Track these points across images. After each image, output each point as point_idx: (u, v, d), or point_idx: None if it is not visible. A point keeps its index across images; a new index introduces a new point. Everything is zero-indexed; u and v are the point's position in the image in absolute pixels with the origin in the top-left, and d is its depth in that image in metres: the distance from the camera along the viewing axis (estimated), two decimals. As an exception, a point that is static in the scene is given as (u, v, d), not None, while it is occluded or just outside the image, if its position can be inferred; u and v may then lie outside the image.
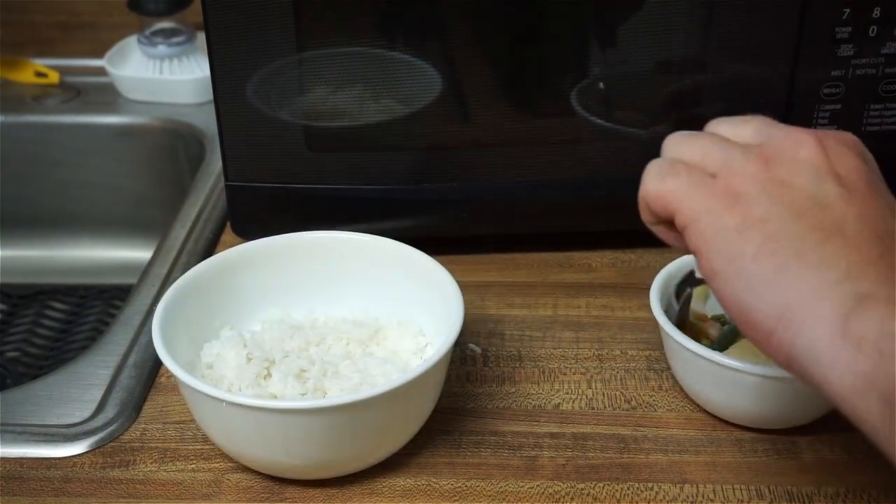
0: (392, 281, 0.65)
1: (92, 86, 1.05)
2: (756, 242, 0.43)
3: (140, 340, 0.69)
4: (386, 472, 0.58)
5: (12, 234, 1.05)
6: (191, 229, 0.82)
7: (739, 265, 0.44)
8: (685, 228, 0.46)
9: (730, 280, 0.44)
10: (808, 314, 0.42)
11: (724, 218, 0.45)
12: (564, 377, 0.66)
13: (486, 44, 0.71)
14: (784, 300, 0.42)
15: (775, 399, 0.58)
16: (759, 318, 0.43)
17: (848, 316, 0.41)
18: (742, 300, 0.44)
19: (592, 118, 0.72)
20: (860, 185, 0.45)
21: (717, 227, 0.45)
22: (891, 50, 0.69)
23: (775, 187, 0.45)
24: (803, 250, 0.43)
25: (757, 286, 0.43)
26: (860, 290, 0.41)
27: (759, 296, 0.43)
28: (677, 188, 0.47)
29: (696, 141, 0.49)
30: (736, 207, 0.44)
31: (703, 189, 0.46)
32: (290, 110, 0.72)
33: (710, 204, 0.45)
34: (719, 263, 0.44)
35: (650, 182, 0.48)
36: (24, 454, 0.60)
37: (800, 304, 0.42)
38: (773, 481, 0.58)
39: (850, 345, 0.40)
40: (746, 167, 0.45)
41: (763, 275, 0.43)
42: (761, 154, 0.46)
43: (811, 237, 0.43)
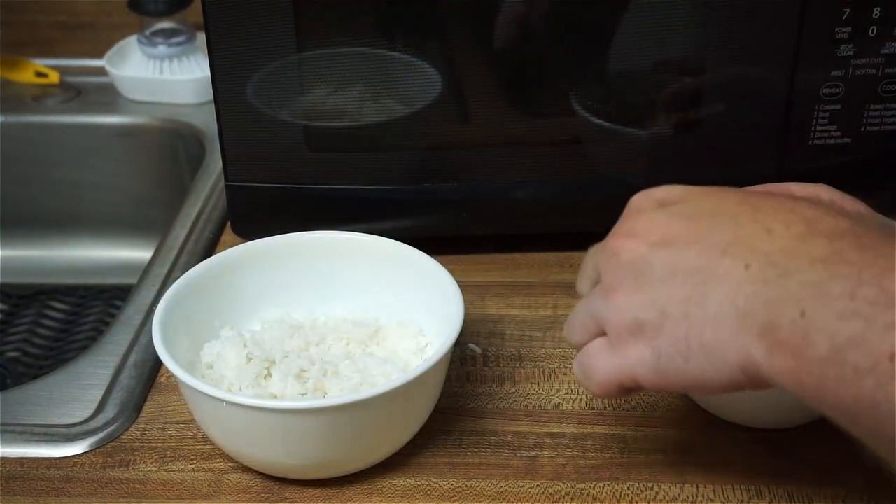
0: (392, 281, 0.65)
1: (92, 86, 1.05)
2: (674, 353, 0.45)
3: (140, 340, 0.69)
4: (386, 472, 0.58)
5: (12, 234, 1.05)
6: (191, 229, 0.82)
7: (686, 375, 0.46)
8: (639, 386, 0.48)
9: (696, 387, 0.46)
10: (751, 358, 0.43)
11: (643, 357, 0.47)
12: (564, 377, 0.66)
13: (486, 44, 0.71)
14: (731, 363, 0.44)
15: (775, 399, 0.58)
16: (735, 383, 0.45)
17: (772, 349, 0.42)
18: (714, 387, 0.46)
19: (592, 118, 0.72)
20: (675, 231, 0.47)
21: (647, 368, 0.47)
22: (891, 50, 0.69)
23: (638, 299, 0.47)
24: (700, 324, 0.44)
25: (710, 373, 0.45)
26: (763, 324, 0.42)
27: (719, 374, 0.45)
28: (601, 371, 0.49)
29: (573, 323, 0.52)
30: (638, 341, 0.47)
31: (612, 355, 0.48)
32: (290, 110, 0.72)
33: (625, 359, 0.47)
34: (678, 385, 0.47)
35: (587, 385, 0.50)
36: (24, 454, 0.60)
37: (739, 355, 0.44)
38: (773, 481, 0.57)
39: (792, 371, 0.42)
40: (608, 308, 0.48)
41: (703, 365, 0.45)
42: (605, 287, 0.49)
43: (692, 308, 0.45)
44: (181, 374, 0.55)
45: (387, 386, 0.53)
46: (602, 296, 0.49)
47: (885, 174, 0.73)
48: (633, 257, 0.47)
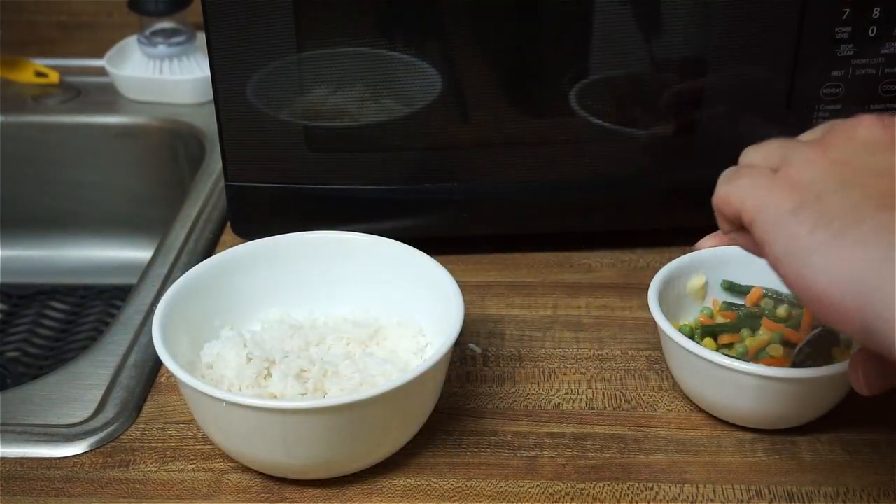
0: (392, 281, 0.65)
1: (92, 86, 1.05)
2: (811, 220, 0.43)
3: (140, 340, 0.69)
4: (386, 472, 0.58)
5: (12, 234, 1.05)
6: (191, 229, 0.82)
7: (797, 244, 0.43)
8: (751, 225, 0.46)
9: (791, 261, 0.44)
10: (872, 280, 0.41)
11: (783, 204, 0.44)
12: (564, 377, 0.66)
13: (486, 44, 0.71)
14: (845, 270, 0.42)
15: (774, 399, 0.58)
16: (821, 291, 0.43)
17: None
18: (803, 276, 0.43)
19: (592, 118, 0.72)
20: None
21: (776, 214, 0.45)
22: (891, 50, 0.69)
23: (832, 167, 0.45)
24: (859, 218, 0.42)
25: (815, 260, 0.43)
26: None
27: (818, 269, 0.42)
28: (740, 188, 0.47)
29: (763, 146, 0.49)
30: (794, 193, 0.44)
31: (763, 184, 0.46)
32: (290, 110, 0.72)
33: (769, 195, 0.45)
34: (780, 248, 0.44)
35: (718, 187, 0.49)
36: (24, 454, 0.60)
37: (864, 271, 0.41)
38: (773, 481, 0.58)
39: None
40: (805, 156, 0.46)
41: (819, 247, 0.42)
42: (819, 143, 0.46)
43: (867, 205, 0.42)
44: (181, 374, 0.55)
45: (387, 386, 0.53)
46: (808, 145, 0.46)
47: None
48: (869, 139, 0.45)
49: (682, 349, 0.59)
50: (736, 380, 0.57)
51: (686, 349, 0.58)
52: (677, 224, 0.74)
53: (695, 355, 0.58)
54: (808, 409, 0.60)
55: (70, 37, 1.10)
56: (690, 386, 0.62)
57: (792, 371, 0.57)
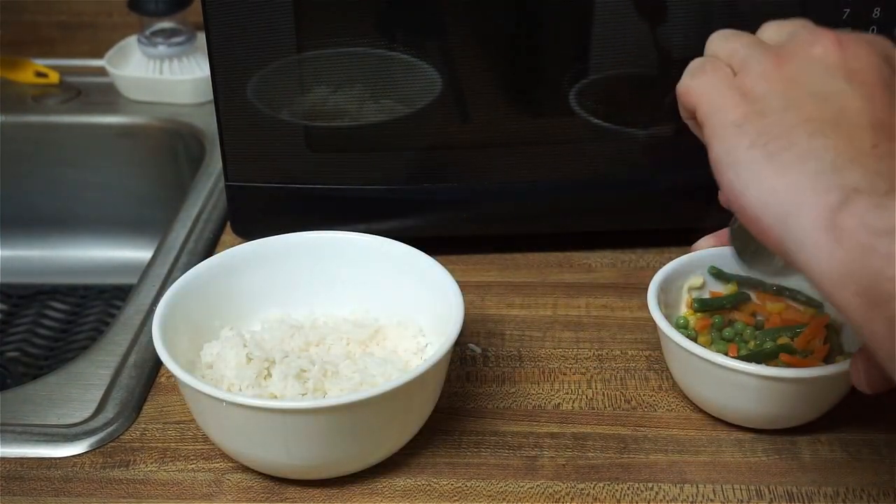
0: (392, 281, 0.65)
1: (92, 86, 1.05)
2: (751, 135, 0.45)
3: (140, 340, 0.69)
4: (386, 472, 0.58)
5: (12, 234, 1.05)
6: (191, 229, 0.82)
7: (734, 155, 0.46)
8: (702, 123, 0.48)
9: (725, 169, 0.46)
10: (792, 203, 0.43)
11: (730, 114, 0.47)
12: (564, 377, 0.66)
13: (486, 44, 0.71)
14: (770, 188, 0.44)
15: (774, 399, 0.58)
16: (746, 203, 0.45)
17: (833, 209, 0.41)
18: (733, 185, 0.46)
19: (592, 118, 0.72)
20: (870, 80, 0.45)
21: (722, 121, 0.47)
22: (891, 50, 0.69)
23: (781, 83, 0.46)
24: (794, 141, 0.44)
25: (747, 175, 0.45)
26: (847, 183, 0.42)
27: (749, 183, 0.45)
28: (701, 85, 0.49)
29: (731, 40, 0.51)
30: (742, 104, 0.46)
31: (721, 87, 0.48)
32: (290, 110, 0.72)
33: (722, 101, 0.47)
34: (720, 154, 0.47)
35: (683, 77, 0.51)
36: (24, 454, 0.60)
37: (785, 193, 0.43)
38: (773, 481, 0.58)
39: (831, 236, 0.41)
40: (761, 66, 0.47)
41: (753, 164, 0.45)
42: (777, 53, 0.48)
43: (803, 128, 0.44)
44: (181, 374, 0.55)
45: (387, 386, 0.53)
46: (767, 53, 0.48)
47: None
48: (822, 57, 0.46)
49: (681, 349, 0.59)
50: (735, 379, 0.57)
51: (685, 349, 0.58)
52: (677, 224, 0.74)
53: (694, 355, 0.58)
54: (809, 408, 0.60)
55: (70, 37, 1.10)
56: (690, 386, 0.62)
57: (792, 371, 0.57)
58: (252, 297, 0.66)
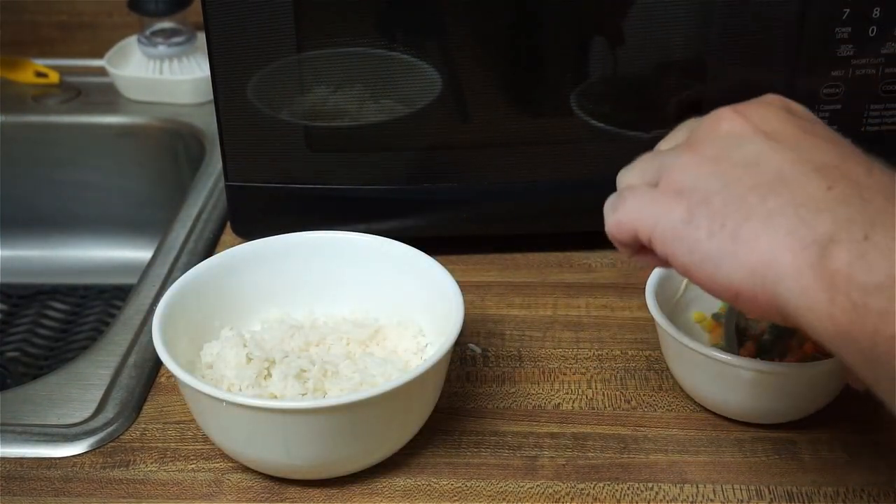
0: (392, 281, 0.65)
1: (92, 86, 1.05)
2: (705, 225, 0.44)
3: (140, 340, 0.69)
4: (386, 472, 0.58)
5: (12, 234, 1.05)
6: (191, 229, 0.82)
7: (700, 252, 0.44)
8: (650, 242, 0.47)
9: (699, 268, 0.45)
10: (777, 270, 0.42)
11: (674, 215, 0.45)
12: (564, 377, 0.66)
13: (486, 44, 0.71)
14: (751, 264, 0.43)
15: (772, 393, 0.58)
16: (737, 288, 0.44)
17: (815, 265, 0.41)
18: (717, 280, 0.44)
19: (592, 119, 0.72)
20: (788, 132, 0.45)
21: (670, 226, 0.46)
22: (891, 50, 0.69)
23: (707, 166, 0.45)
24: (749, 212, 0.43)
25: (722, 262, 0.44)
26: (820, 236, 0.41)
27: (728, 269, 0.44)
28: (628, 211, 0.48)
29: (636, 165, 0.50)
30: (680, 201, 0.45)
31: (648, 200, 0.47)
32: (290, 110, 0.72)
33: (658, 208, 0.46)
34: (685, 258, 0.45)
35: (607, 217, 0.50)
36: (24, 454, 0.60)
37: (766, 262, 0.42)
38: (773, 481, 0.58)
39: (823, 295, 0.40)
40: (679, 161, 0.47)
41: (722, 250, 0.44)
42: (688, 145, 0.47)
43: (753, 196, 0.43)
44: (181, 374, 0.55)
45: (387, 386, 0.53)
46: (678, 150, 0.48)
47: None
48: (732, 132, 0.46)
49: (679, 344, 0.59)
50: (732, 374, 0.58)
51: (683, 344, 0.58)
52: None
53: (691, 350, 0.58)
54: (806, 403, 0.60)
55: (70, 37, 1.10)
56: (688, 382, 0.62)
57: (788, 365, 0.57)
58: (252, 297, 0.66)
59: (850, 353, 0.41)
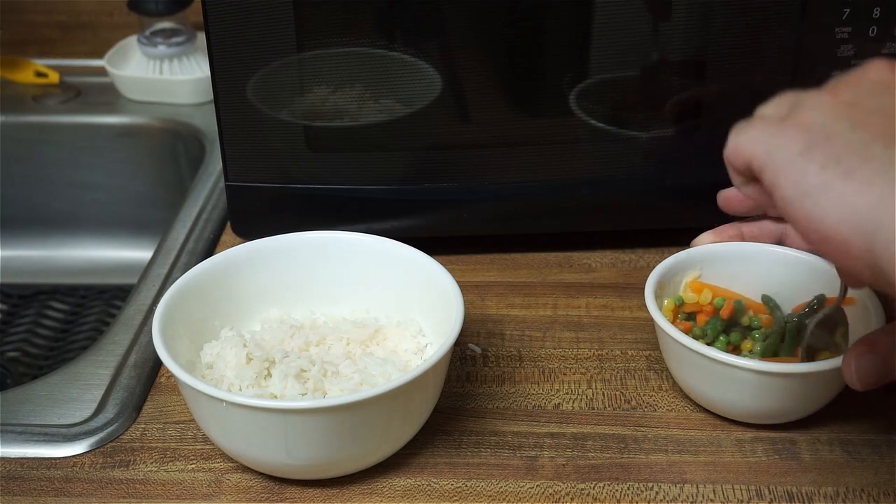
0: (392, 281, 0.65)
1: (92, 86, 1.05)
2: (821, 159, 0.43)
3: (140, 340, 0.69)
4: (386, 472, 0.58)
5: (12, 234, 1.05)
6: (191, 229, 0.82)
7: (807, 184, 0.43)
8: (761, 171, 0.46)
9: (801, 201, 0.43)
10: (881, 217, 0.40)
11: (792, 146, 0.44)
12: (564, 377, 0.66)
13: (486, 44, 0.71)
14: (854, 206, 0.41)
15: (771, 394, 0.58)
16: (829, 229, 0.42)
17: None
18: (813, 216, 0.43)
19: (592, 119, 0.72)
20: None
21: (786, 156, 0.44)
22: (891, 50, 0.69)
23: (841, 108, 0.44)
24: (868, 157, 0.42)
25: (824, 199, 0.42)
26: None
27: (827, 207, 0.42)
28: (750, 137, 0.47)
29: (775, 99, 0.49)
30: (804, 134, 0.44)
31: (773, 130, 0.46)
32: (290, 110, 0.72)
33: (779, 140, 0.45)
34: (790, 189, 0.44)
35: (729, 139, 0.49)
36: (24, 454, 0.60)
37: (871, 210, 0.41)
38: (773, 481, 0.58)
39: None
40: (815, 100, 0.46)
41: (829, 185, 0.42)
42: (830, 87, 0.46)
43: (875, 144, 0.42)
44: (181, 374, 0.55)
45: (387, 386, 0.53)
46: (817, 90, 0.46)
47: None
48: (878, 80, 0.45)
49: (677, 343, 0.59)
50: (731, 374, 0.58)
51: (682, 344, 0.58)
52: (677, 224, 0.74)
53: (689, 350, 0.58)
54: (805, 404, 0.60)
55: (70, 37, 1.10)
56: (687, 382, 0.62)
57: (788, 366, 0.57)
58: (252, 297, 0.66)
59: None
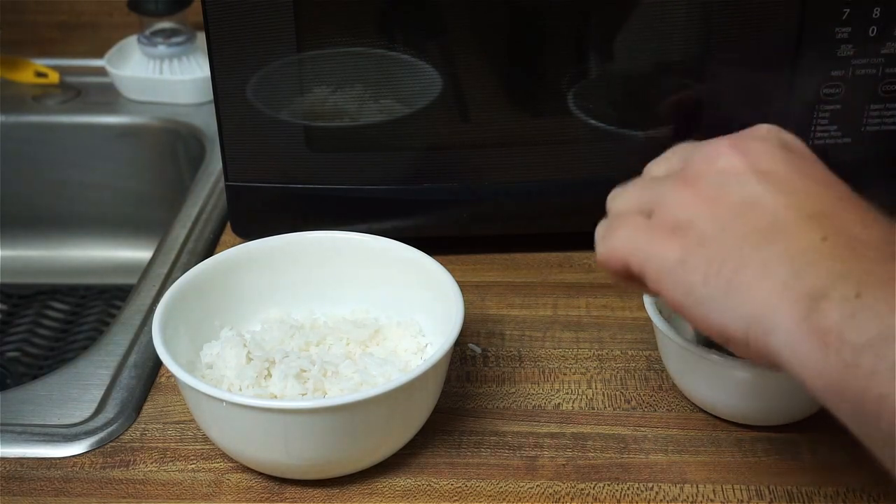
0: (392, 281, 0.65)
1: (92, 86, 1.05)
2: (701, 269, 0.44)
3: (140, 340, 0.69)
4: (386, 472, 0.58)
5: (12, 234, 1.05)
6: (191, 229, 0.82)
7: (694, 295, 0.44)
8: (641, 276, 0.47)
9: (693, 309, 0.45)
10: (769, 321, 0.42)
11: (667, 254, 0.45)
12: (564, 377, 0.66)
13: (486, 44, 0.71)
14: (744, 312, 0.43)
15: (769, 395, 0.58)
16: (730, 334, 0.44)
17: (808, 318, 0.40)
18: (710, 323, 0.44)
19: (591, 119, 0.72)
20: (783, 174, 0.45)
21: (664, 265, 0.45)
22: (891, 50, 0.69)
23: (704, 205, 0.45)
24: (745, 260, 0.43)
25: (717, 307, 0.44)
26: (812, 290, 0.40)
27: (723, 314, 0.43)
28: (621, 241, 0.47)
29: (628, 190, 0.50)
30: (674, 240, 0.45)
31: (642, 233, 0.47)
32: (290, 110, 0.72)
33: (652, 245, 0.46)
34: (678, 297, 0.45)
35: (598, 246, 0.49)
36: (24, 454, 0.60)
37: (759, 313, 0.42)
38: (773, 481, 0.58)
39: (815, 350, 0.40)
40: (673, 196, 0.46)
41: (716, 296, 0.43)
42: (684, 178, 0.47)
43: (748, 243, 0.43)
44: (181, 374, 0.55)
45: (387, 386, 0.53)
46: (674, 182, 0.47)
47: (886, 174, 0.73)
48: (729, 168, 0.45)
49: (674, 345, 0.59)
50: (728, 375, 0.58)
51: (680, 345, 0.58)
52: (677, 224, 0.74)
53: (687, 351, 0.58)
54: (803, 404, 0.59)
55: (70, 37, 1.10)
56: (686, 383, 0.62)
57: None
58: (252, 297, 0.66)
59: (840, 409, 0.41)
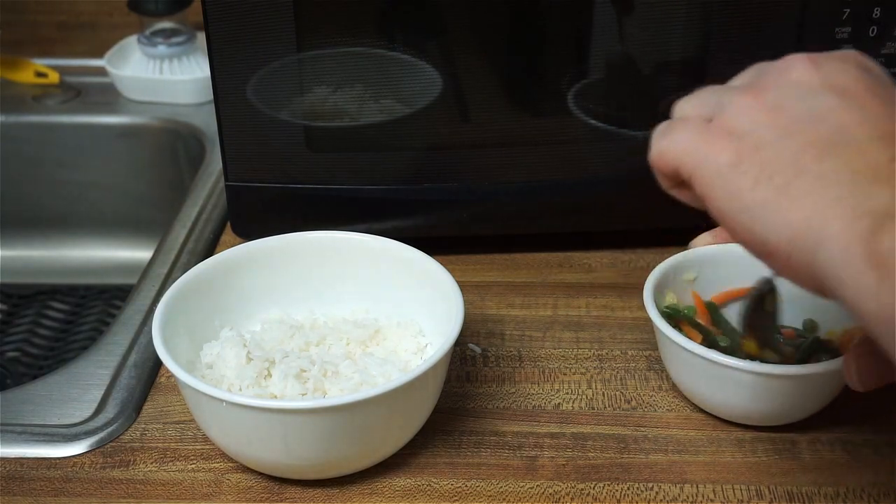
0: (392, 281, 0.65)
1: (92, 86, 1.05)
2: (753, 173, 0.42)
3: (140, 340, 0.69)
4: (386, 472, 0.58)
5: (12, 234, 1.05)
6: (191, 229, 0.82)
7: (741, 200, 0.42)
8: (690, 180, 0.45)
9: (737, 217, 0.43)
10: (819, 234, 0.39)
11: (721, 157, 0.43)
12: (564, 377, 0.66)
13: (486, 44, 0.71)
14: (792, 222, 0.40)
15: (770, 396, 0.58)
16: (773, 246, 0.42)
17: (866, 238, 0.38)
18: (750, 231, 0.42)
19: (591, 119, 0.72)
20: (858, 91, 0.43)
21: (715, 168, 0.43)
22: (891, 50, 0.69)
23: (767, 113, 0.43)
24: (802, 168, 0.41)
25: (761, 215, 0.41)
26: (876, 207, 0.38)
27: (767, 224, 0.41)
28: (676, 142, 0.46)
29: (694, 95, 0.48)
30: (730, 144, 0.43)
31: (698, 136, 0.45)
32: (290, 110, 0.72)
33: (706, 148, 0.44)
34: (723, 203, 0.43)
35: (652, 143, 0.47)
36: (24, 454, 0.60)
37: (809, 225, 0.40)
38: (773, 481, 0.58)
39: (871, 274, 0.37)
40: (739, 103, 0.45)
41: (764, 203, 0.41)
42: (752, 87, 0.45)
43: (809, 153, 0.41)
44: (181, 374, 0.55)
45: (387, 386, 0.53)
46: (742, 90, 0.45)
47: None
48: (800, 81, 0.43)
49: (675, 345, 0.59)
50: (729, 377, 0.57)
51: (680, 346, 0.58)
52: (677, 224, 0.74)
53: (688, 352, 0.58)
54: (804, 405, 0.60)
55: (70, 37, 1.10)
56: (687, 384, 0.62)
57: (787, 368, 0.57)
58: (252, 297, 0.66)
59: (884, 338, 0.38)
